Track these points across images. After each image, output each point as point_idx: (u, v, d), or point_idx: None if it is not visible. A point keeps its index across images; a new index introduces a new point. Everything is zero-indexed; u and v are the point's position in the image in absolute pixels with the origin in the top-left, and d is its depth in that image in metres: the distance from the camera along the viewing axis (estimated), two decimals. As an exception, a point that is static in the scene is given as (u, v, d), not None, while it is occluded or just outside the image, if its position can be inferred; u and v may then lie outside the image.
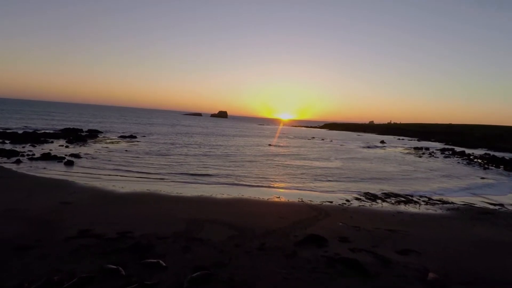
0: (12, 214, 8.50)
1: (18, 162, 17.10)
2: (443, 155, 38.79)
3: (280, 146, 40.04)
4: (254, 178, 17.56)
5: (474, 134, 71.19)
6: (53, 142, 27.08)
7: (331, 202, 13.01)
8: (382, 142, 57.82)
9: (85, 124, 53.72)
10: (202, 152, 28.50)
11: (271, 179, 17.74)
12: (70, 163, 17.78)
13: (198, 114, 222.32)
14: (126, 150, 25.19)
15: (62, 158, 18.73)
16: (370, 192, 15.54)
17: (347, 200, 13.64)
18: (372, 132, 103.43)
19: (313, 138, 59.81)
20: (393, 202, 13.86)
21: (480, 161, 33.73)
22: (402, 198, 14.65)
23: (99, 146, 27.11)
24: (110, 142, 30.48)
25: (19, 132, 31.58)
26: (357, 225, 9.55)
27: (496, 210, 13.63)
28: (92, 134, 36.29)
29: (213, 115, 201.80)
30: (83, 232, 7.33)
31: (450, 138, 70.76)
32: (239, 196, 13.08)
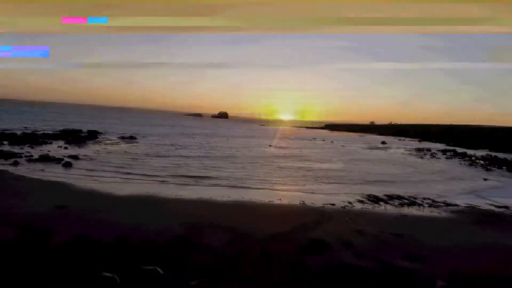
0: (3, 219, 8.26)
1: (15, 164, 16.88)
2: (445, 156, 38.52)
3: (281, 147, 39.81)
4: (255, 180, 17.32)
5: (475, 135, 70.94)
6: (51, 143, 26.85)
7: (334, 204, 12.77)
8: (383, 143, 57.56)
9: (84, 125, 53.53)
10: (202, 153, 28.26)
11: (272, 181, 17.51)
12: (68, 165, 17.56)
13: (199, 115, 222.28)
14: (126, 152, 24.97)
15: (60, 160, 18.51)
16: (373, 194, 15.30)
17: (350, 202, 13.40)
18: (373, 132, 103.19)
19: (314, 139, 59.56)
20: (396, 204, 13.62)
21: (482, 162, 33.44)
22: (406, 200, 14.41)
23: (98, 147, 26.89)
24: (109, 143, 30.27)
25: (18, 133, 31.36)
26: (361, 228, 9.32)
27: (501, 212, 13.38)
28: (91, 135, 36.06)
29: (213, 116, 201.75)
30: (78, 238, 7.09)
31: (451, 139, 70.52)
32: (240, 198, 12.85)
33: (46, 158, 18.59)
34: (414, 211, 12.55)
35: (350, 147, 46.34)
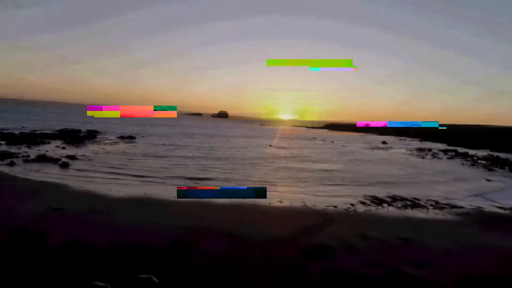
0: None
1: (11, 164, 16.58)
2: (446, 156, 38.20)
3: (281, 148, 39.50)
4: (255, 182, 17.02)
5: (476, 135, 70.63)
6: (49, 143, 26.55)
7: (336, 206, 12.47)
8: (383, 142, 57.22)
9: (84, 124, 53.20)
10: (202, 154, 27.95)
11: (272, 182, 17.20)
12: (65, 165, 17.25)
13: (198, 114, 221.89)
14: (124, 152, 24.67)
15: (57, 160, 18.21)
16: (375, 195, 14.99)
17: (352, 204, 13.10)
18: (373, 132, 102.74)
19: (314, 139, 59.24)
20: (399, 206, 13.32)
21: (484, 162, 33.15)
22: (409, 202, 14.10)
23: (97, 147, 26.60)
24: (108, 143, 29.97)
25: (16, 132, 31.03)
26: (365, 232, 9.01)
27: (507, 214, 13.07)
28: (90, 135, 35.79)
29: (213, 116, 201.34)
30: (71, 243, 6.79)
31: (452, 138, 70.19)
32: (240, 200, 12.53)
33: (43, 159, 18.28)
34: (419, 213, 12.25)
35: (351, 147, 46.00)
